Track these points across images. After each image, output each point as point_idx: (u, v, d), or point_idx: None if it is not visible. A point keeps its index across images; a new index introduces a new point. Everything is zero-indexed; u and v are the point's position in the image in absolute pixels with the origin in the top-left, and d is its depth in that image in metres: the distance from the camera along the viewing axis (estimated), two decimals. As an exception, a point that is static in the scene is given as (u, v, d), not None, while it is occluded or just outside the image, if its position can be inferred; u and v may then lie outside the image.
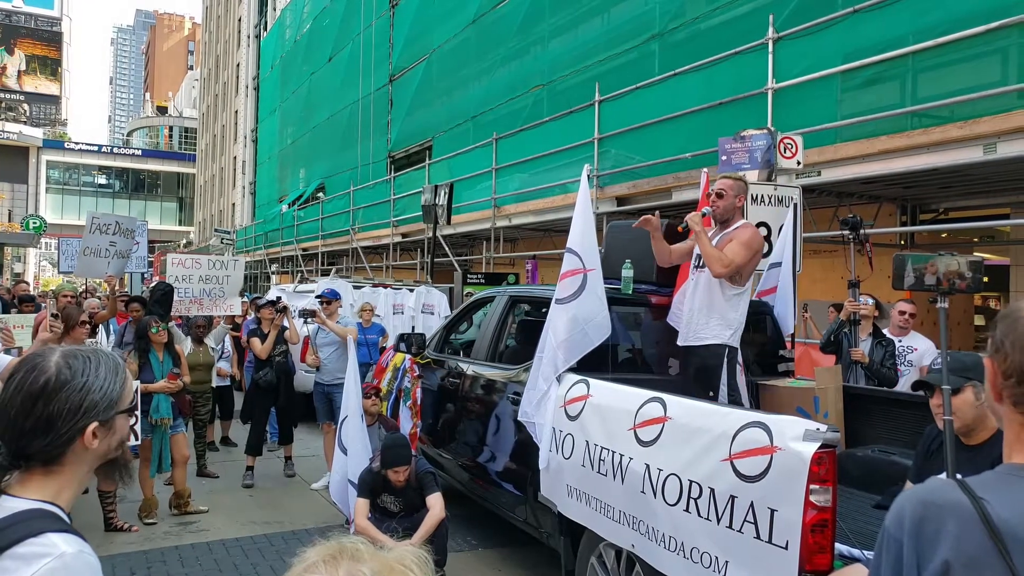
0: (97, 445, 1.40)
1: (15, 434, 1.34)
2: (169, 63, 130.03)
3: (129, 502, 6.36)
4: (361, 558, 0.92)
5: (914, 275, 2.49)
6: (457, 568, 5.12)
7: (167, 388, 6.05)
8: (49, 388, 1.35)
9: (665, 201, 9.52)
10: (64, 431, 1.35)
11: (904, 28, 7.04)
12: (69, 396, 1.36)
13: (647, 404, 3.58)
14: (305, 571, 0.92)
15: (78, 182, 72.28)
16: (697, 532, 3.11)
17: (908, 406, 4.40)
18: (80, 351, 1.45)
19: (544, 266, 13.24)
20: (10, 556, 1.21)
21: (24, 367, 1.40)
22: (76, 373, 1.38)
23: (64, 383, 1.37)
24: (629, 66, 11.66)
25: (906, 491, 1.29)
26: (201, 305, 8.62)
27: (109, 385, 1.42)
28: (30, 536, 1.23)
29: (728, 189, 4.53)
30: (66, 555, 1.23)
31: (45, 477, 1.36)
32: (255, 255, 31.65)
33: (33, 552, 1.22)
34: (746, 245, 4.35)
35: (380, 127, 22.27)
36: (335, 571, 0.91)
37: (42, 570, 1.20)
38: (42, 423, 1.34)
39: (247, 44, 43.81)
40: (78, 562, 1.25)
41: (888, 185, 8.11)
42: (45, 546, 1.23)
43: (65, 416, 1.35)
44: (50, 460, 1.36)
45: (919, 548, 1.17)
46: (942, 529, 1.15)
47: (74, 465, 1.39)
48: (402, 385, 6.47)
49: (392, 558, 0.93)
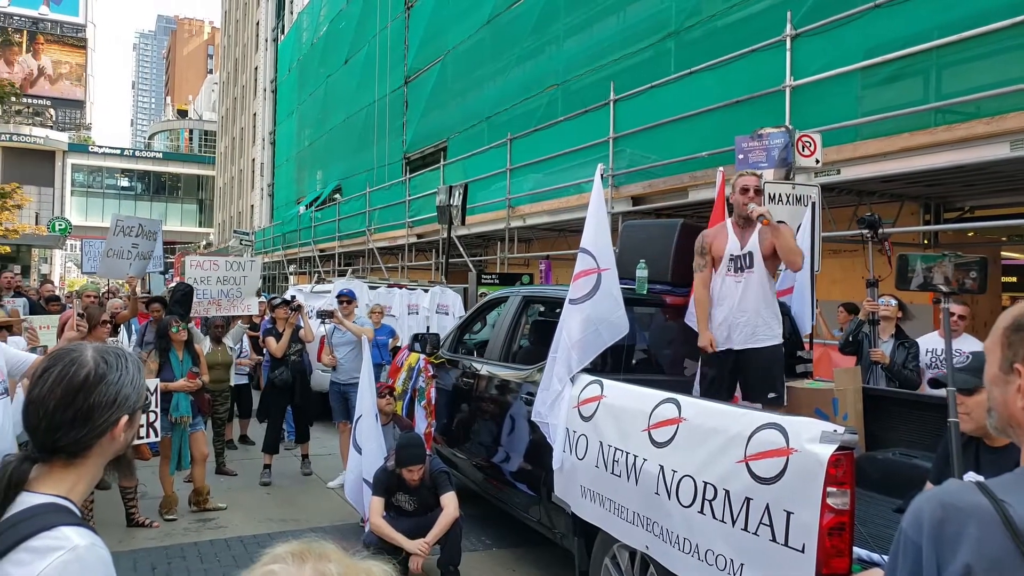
0: (123, 439, 1.46)
1: (51, 426, 1.37)
2: (189, 67, 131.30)
3: (150, 498, 6.43)
4: (329, 558, 0.94)
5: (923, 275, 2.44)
6: (471, 568, 5.10)
7: (187, 387, 6.12)
8: (90, 381, 1.40)
9: (681, 200, 9.46)
10: (100, 423, 1.40)
11: (927, 23, 6.93)
12: (107, 389, 1.41)
13: (661, 405, 3.54)
14: (272, 560, 0.94)
15: (102, 185, 73.14)
16: (712, 534, 3.06)
17: (930, 408, 4.32)
18: (108, 348, 1.51)
19: (558, 266, 13.20)
20: (25, 549, 1.24)
21: (62, 361, 1.43)
22: (111, 367, 1.44)
23: (103, 376, 1.42)
24: (644, 65, 11.59)
25: (924, 493, 1.25)
26: (219, 306, 8.67)
27: (138, 380, 1.49)
28: (44, 530, 1.27)
29: (759, 185, 4.55)
30: (79, 548, 1.26)
31: (64, 471, 1.39)
32: (273, 256, 31.84)
33: (47, 545, 1.25)
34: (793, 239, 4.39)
35: (395, 128, 22.32)
36: (301, 565, 0.93)
37: (56, 563, 1.23)
38: (82, 415, 1.38)
39: (265, 48, 44.13)
40: (90, 555, 1.28)
41: (910, 183, 7.99)
42: (58, 539, 1.26)
43: (103, 408, 1.40)
44: (76, 453, 1.40)
45: (939, 551, 1.13)
46: (962, 532, 1.12)
47: (96, 458, 1.43)
48: (417, 385, 6.46)
49: (360, 567, 0.96)
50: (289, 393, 7.62)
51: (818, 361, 6.51)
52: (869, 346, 5.54)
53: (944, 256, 2.51)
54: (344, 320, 7.41)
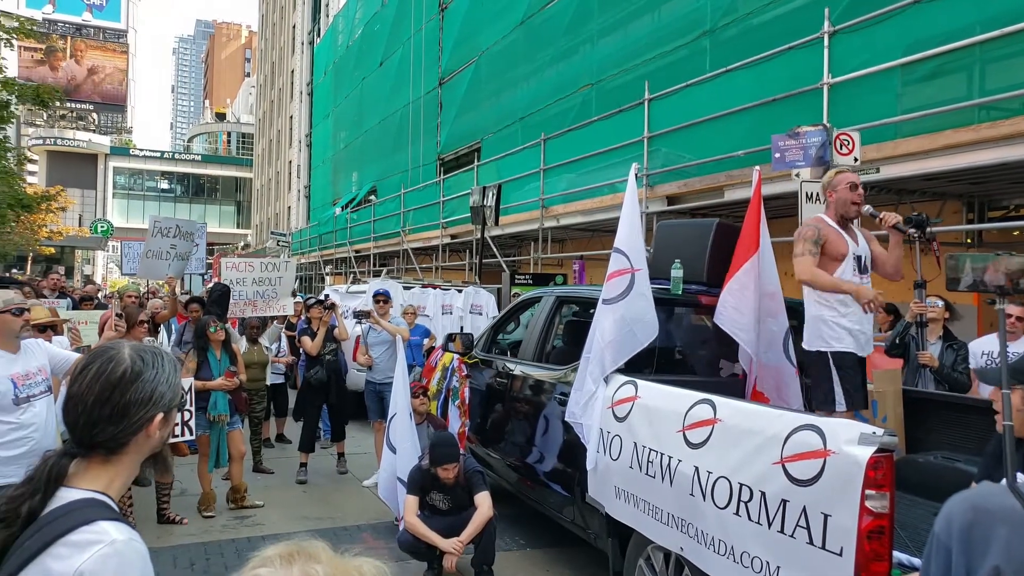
0: (159, 435, 1.49)
1: (89, 421, 1.41)
2: (227, 71, 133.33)
3: (189, 496, 6.55)
4: (318, 559, 0.94)
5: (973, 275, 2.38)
6: (505, 567, 5.11)
7: (224, 386, 6.21)
8: (127, 378, 1.44)
9: (717, 200, 9.37)
10: (136, 419, 1.43)
11: (969, 17, 6.79)
12: (143, 386, 1.45)
13: (696, 406, 3.51)
14: (261, 563, 0.95)
15: (142, 187, 74.65)
16: (747, 536, 3.04)
17: (974, 411, 4.23)
18: (145, 347, 1.54)
19: (592, 266, 13.16)
20: (64, 544, 1.27)
21: (100, 358, 1.47)
22: (147, 365, 1.47)
23: (139, 373, 1.45)
24: (679, 64, 11.50)
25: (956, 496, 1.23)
26: (255, 306, 8.78)
27: (174, 378, 1.51)
28: (83, 524, 1.29)
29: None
30: (117, 542, 1.29)
31: (102, 466, 1.42)
32: (310, 257, 32.19)
33: (86, 539, 1.27)
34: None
35: (430, 130, 22.44)
36: (289, 568, 0.93)
37: (95, 556, 1.26)
38: (118, 411, 1.42)
39: (301, 51, 44.65)
40: (128, 549, 1.30)
41: (952, 181, 7.83)
42: (97, 533, 1.29)
43: (139, 405, 1.43)
44: (114, 449, 1.43)
45: (968, 554, 1.12)
46: (992, 535, 1.10)
47: (132, 455, 1.46)
48: (451, 385, 6.49)
49: (350, 565, 0.95)
50: (324, 392, 7.69)
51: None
52: (917, 349, 5.41)
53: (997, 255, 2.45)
54: (380, 320, 7.46)
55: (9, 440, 3.57)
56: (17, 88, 18.17)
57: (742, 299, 4.57)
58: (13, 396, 3.59)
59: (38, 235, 33.08)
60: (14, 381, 3.61)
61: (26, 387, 3.65)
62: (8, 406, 3.58)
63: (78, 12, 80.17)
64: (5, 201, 19.49)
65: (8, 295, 3.81)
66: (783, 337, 4.54)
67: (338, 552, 0.98)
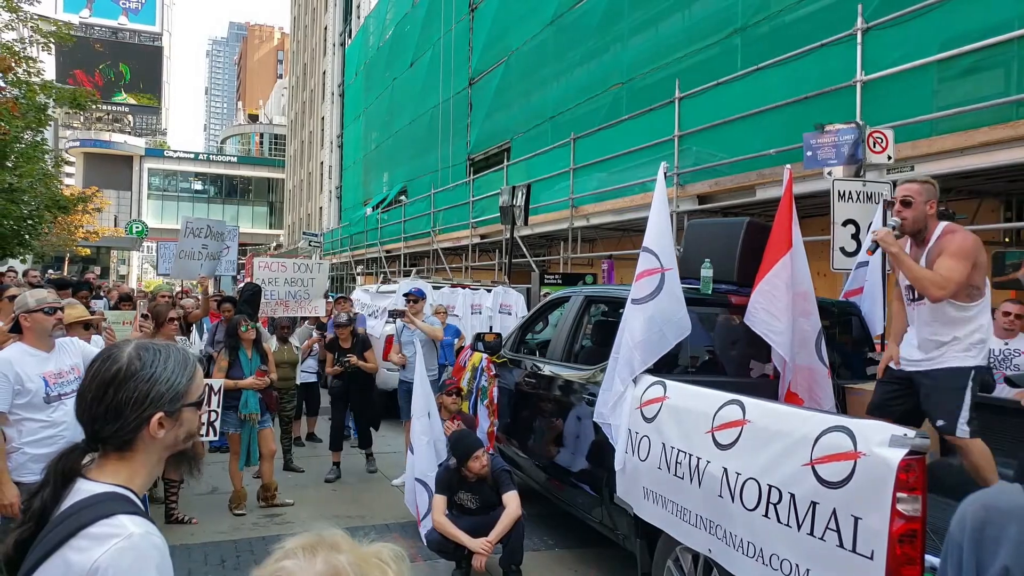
0: (164, 435, 1.47)
1: (90, 417, 1.45)
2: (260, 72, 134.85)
3: (220, 493, 6.63)
4: (340, 549, 0.96)
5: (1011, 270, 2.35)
6: (533, 567, 5.12)
7: (255, 384, 6.27)
8: (120, 377, 1.44)
9: (748, 199, 9.30)
10: (132, 418, 1.43)
11: (1007, 12, 6.66)
12: (137, 386, 1.44)
13: (725, 407, 3.49)
14: (284, 556, 0.96)
15: (176, 188, 75.78)
16: (776, 538, 3.01)
17: (1007, 412, 4.15)
18: (153, 344, 1.53)
19: (621, 266, 13.11)
20: (84, 536, 1.30)
21: (101, 356, 1.50)
22: (145, 364, 1.46)
23: (133, 373, 1.45)
24: (710, 62, 11.42)
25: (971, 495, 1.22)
26: (287, 307, 8.86)
27: (176, 378, 1.49)
28: (102, 518, 1.32)
29: (916, 195, 3.87)
30: (134, 536, 1.31)
31: (119, 462, 1.45)
32: (341, 257, 32.48)
33: (104, 532, 1.30)
34: (959, 256, 3.68)
35: (460, 130, 22.51)
36: (313, 559, 0.94)
37: (111, 550, 1.28)
38: (112, 409, 1.43)
39: (333, 52, 45.05)
40: (145, 542, 1.32)
41: (990, 179, 7.69)
42: (115, 527, 1.31)
43: (133, 404, 1.43)
44: (122, 446, 1.45)
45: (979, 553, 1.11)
46: (1003, 534, 1.09)
47: (144, 453, 1.47)
48: (479, 384, 6.51)
49: (370, 552, 0.97)
50: (344, 399, 7.74)
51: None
52: None
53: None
54: (414, 319, 7.48)
55: (40, 438, 3.65)
56: (55, 91, 18.56)
57: (774, 300, 4.52)
58: (44, 394, 3.67)
59: (75, 236, 33.75)
60: (46, 380, 3.68)
61: (58, 386, 3.71)
62: (39, 404, 3.65)
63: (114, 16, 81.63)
64: (43, 203, 19.91)
65: (41, 294, 3.86)
66: (815, 337, 4.49)
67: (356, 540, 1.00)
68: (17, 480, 3.55)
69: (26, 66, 17.10)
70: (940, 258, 3.75)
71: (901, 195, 3.93)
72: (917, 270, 3.77)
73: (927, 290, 3.73)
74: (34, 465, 3.58)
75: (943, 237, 3.83)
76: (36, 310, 3.70)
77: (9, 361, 3.61)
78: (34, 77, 17.34)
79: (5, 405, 3.57)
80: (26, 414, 3.63)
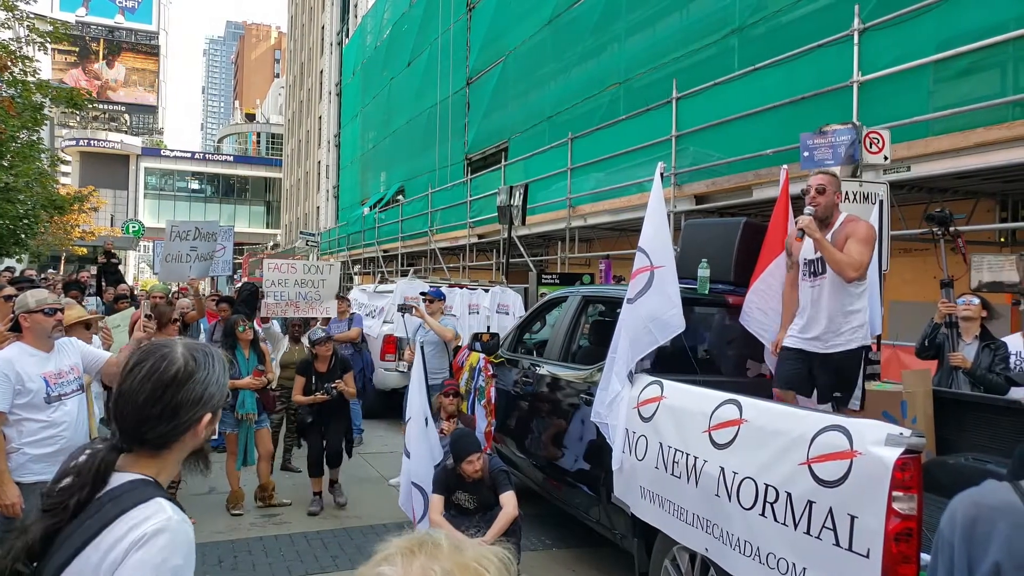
0: (204, 434, 1.52)
1: (139, 419, 1.44)
2: (257, 72, 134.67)
3: (217, 494, 6.63)
4: (439, 555, 0.92)
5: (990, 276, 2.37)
6: (531, 567, 5.13)
7: (253, 384, 6.27)
8: (179, 378, 1.46)
9: (745, 199, 9.31)
10: (185, 419, 1.46)
11: (1003, 14, 6.68)
12: (195, 387, 1.47)
13: (722, 406, 3.50)
14: (384, 560, 0.93)
15: (173, 187, 75.67)
16: (773, 537, 3.02)
17: (1006, 412, 4.17)
18: (197, 346, 1.56)
19: (619, 266, 13.12)
20: (124, 520, 1.34)
21: (153, 356, 1.49)
22: (200, 366, 1.50)
23: (191, 374, 1.48)
24: (707, 62, 11.44)
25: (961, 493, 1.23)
26: (297, 308, 8.77)
27: (223, 379, 1.54)
28: (143, 501, 1.37)
29: (829, 184, 4.31)
30: (172, 519, 1.36)
31: (151, 459, 1.47)
32: (338, 256, 32.44)
33: (145, 514, 1.35)
34: (866, 241, 4.20)
35: (457, 130, 22.51)
36: (410, 565, 0.91)
37: (151, 528, 1.33)
38: (169, 410, 1.44)
39: (330, 51, 45.02)
40: (180, 529, 1.37)
41: (986, 179, 7.71)
42: (155, 509, 1.36)
43: (190, 405, 1.47)
44: (162, 446, 1.47)
45: (970, 550, 1.12)
46: (993, 531, 1.10)
47: (178, 452, 1.50)
48: (477, 384, 6.52)
49: (471, 557, 0.92)
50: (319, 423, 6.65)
51: (887, 363, 6.34)
52: (950, 349, 5.30)
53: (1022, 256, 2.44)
54: (428, 318, 7.43)
55: (40, 438, 3.64)
56: (51, 91, 18.53)
57: (768, 300, 4.54)
58: (45, 395, 3.65)
59: (71, 235, 33.67)
60: (46, 380, 3.68)
61: (58, 386, 3.70)
62: (40, 404, 3.64)
63: (111, 15, 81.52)
64: (39, 202, 19.88)
65: (41, 294, 3.85)
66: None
67: (465, 544, 0.95)
68: (17, 480, 3.55)
69: (22, 65, 17.07)
70: (850, 242, 4.16)
71: (816, 184, 4.30)
72: (836, 254, 4.12)
73: (844, 271, 4.10)
74: (34, 465, 3.58)
75: (847, 224, 4.27)
76: (36, 311, 3.69)
77: (10, 361, 3.60)
78: (30, 76, 17.31)
79: (5, 405, 3.56)
80: (26, 414, 3.62)
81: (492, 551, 0.94)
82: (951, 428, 4.41)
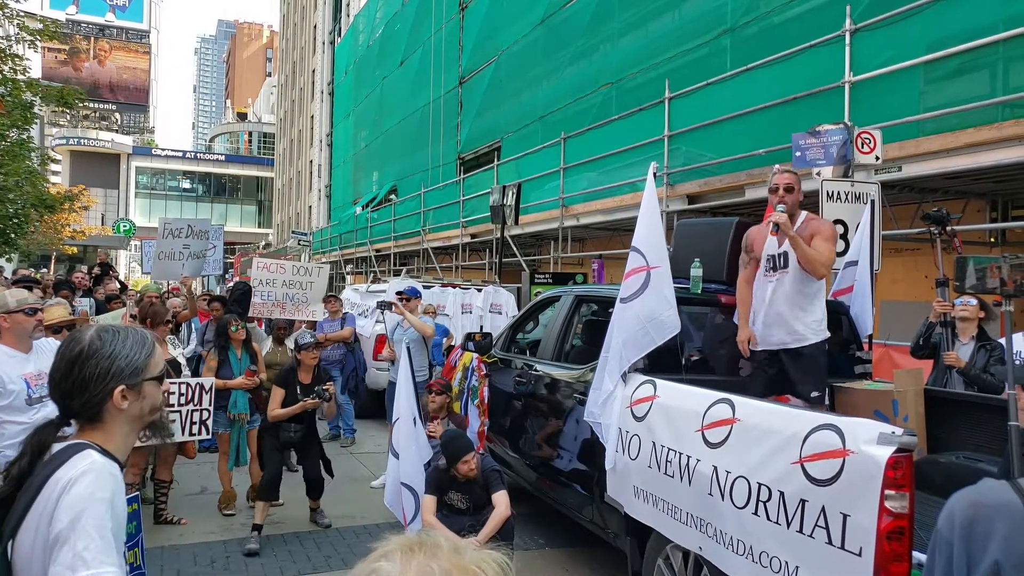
0: (128, 406, 1.67)
1: (60, 393, 1.66)
2: (248, 71, 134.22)
3: (210, 494, 6.61)
4: (437, 555, 0.92)
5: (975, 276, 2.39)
6: (524, 566, 5.13)
7: (245, 384, 6.24)
8: (83, 355, 1.64)
9: (738, 199, 9.35)
10: (96, 392, 1.63)
11: (993, 15, 6.72)
12: (99, 362, 1.65)
13: (715, 405, 3.51)
14: (383, 556, 0.93)
15: (164, 187, 75.32)
16: (766, 536, 3.03)
17: (996, 411, 4.19)
18: (113, 327, 1.75)
19: (611, 265, 13.14)
20: (62, 470, 1.53)
21: (67, 340, 1.72)
22: (105, 343, 1.67)
23: (95, 351, 1.65)
24: (700, 62, 11.47)
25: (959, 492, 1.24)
26: (283, 309, 8.67)
27: (134, 354, 1.69)
28: (75, 454, 1.56)
29: (795, 183, 4.45)
30: (96, 462, 1.55)
31: (92, 431, 1.66)
32: (331, 256, 32.37)
33: (75, 463, 1.54)
34: (832, 239, 4.38)
35: (450, 129, 22.50)
36: (409, 563, 0.91)
37: (78, 471, 1.51)
38: (78, 384, 1.63)
39: (322, 50, 44.92)
40: (104, 469, 1.54)
41: (976, 180, 7.76)
42: (84, 457, 1.55)
43: (96, 379, 1.64)
44: (92, 418, 1.65)
45: (969, 549, 1.13)
46: (992, 530, 1.11)
47: (113, 424, 1.67)
48: (470, 384, 6.51)
49: (470, 560, 0.92)
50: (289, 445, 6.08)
51: (879, 362, 6.37)
52: (945, 349, 5.31)
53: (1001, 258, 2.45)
54: (407, 313, 7.41)
55: (22, 441, 3.60)
56: (41, 89, 18.42)
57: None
58: (27, 396, 3.59)
59: (62, 235, 33.50)
60: (27, 381, 3.60)
61: (39, 387, 3.61)
62: (21, 406, 3.57)
63: (101, 13, 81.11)
64: (29, 201, 19.76)
65: (22, 294, 3.79)
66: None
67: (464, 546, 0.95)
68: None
69: (12, 64, 16.97)
70: (817, 240, 4.30)
71: (784, 183, 4.39)
72: (808, 251, 4.23)
73: (816, 268, 4.25)
74: None
75: (809, 222, 4.42)
76: (16, 311, 3.63)
77: None
78: (20, 75, 17.20)
79: None
80: (7, 416, 3.54)
81: (491, 555, 0.94)
82: (943, 427, 4.43)
